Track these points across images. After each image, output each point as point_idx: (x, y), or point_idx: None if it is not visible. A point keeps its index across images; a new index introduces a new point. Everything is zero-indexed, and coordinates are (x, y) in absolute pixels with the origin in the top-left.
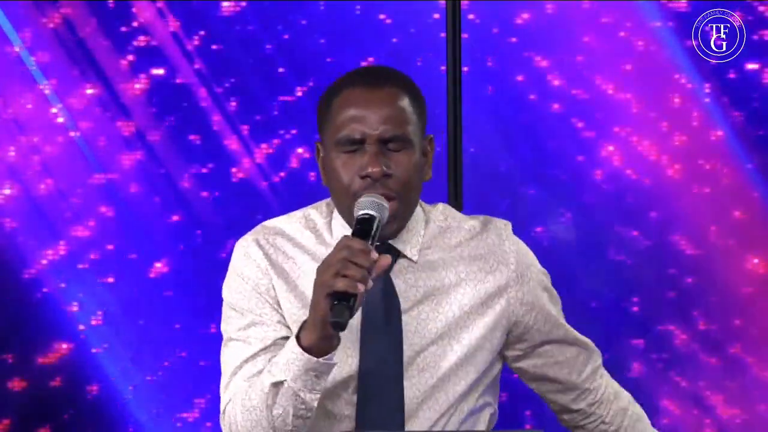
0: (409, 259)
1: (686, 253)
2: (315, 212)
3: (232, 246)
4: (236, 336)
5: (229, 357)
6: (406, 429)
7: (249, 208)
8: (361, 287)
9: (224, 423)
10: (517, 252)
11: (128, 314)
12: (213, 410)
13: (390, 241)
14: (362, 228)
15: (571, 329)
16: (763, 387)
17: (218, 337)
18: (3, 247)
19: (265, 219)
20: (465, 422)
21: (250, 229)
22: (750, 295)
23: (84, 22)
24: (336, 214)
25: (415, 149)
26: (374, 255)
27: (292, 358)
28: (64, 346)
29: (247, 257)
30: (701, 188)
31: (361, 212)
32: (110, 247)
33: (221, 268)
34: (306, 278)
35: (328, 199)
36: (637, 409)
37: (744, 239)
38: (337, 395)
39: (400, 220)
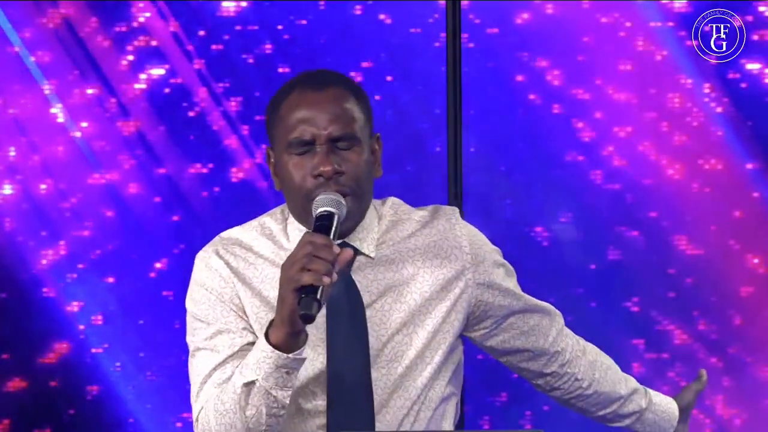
0: (367, 256)
1: (686, 253)
2: (270, 219)
3: None
4: (203, 345)
5: (197, 367)
6: (379, 420)
7: (249, 208)
8: (326, 280)
9: (198, 431)
10: (469, 235)
11: (128, 314)
12: None
13: (346, 240)
14: (322, 224)
15: (530, 297)
16: (763, 387)
17: None
18: (3, 247)
19: None
20: (437, 410)
21: None
22: (750, 295)
23: (84, 22)
24: (291, 219)
25: (364, 147)
26: (336, 249)
27: (262, 356)
28: (64, 346)
29: (208, 268)
30: (701, 188)
31: (321, 209)
32: (110, 247)
33: None
34: (268, 283)
35: (283, 206)
36: (605, 359)
37: (744, 239)
38: (308, 392)
39: (355, 216)
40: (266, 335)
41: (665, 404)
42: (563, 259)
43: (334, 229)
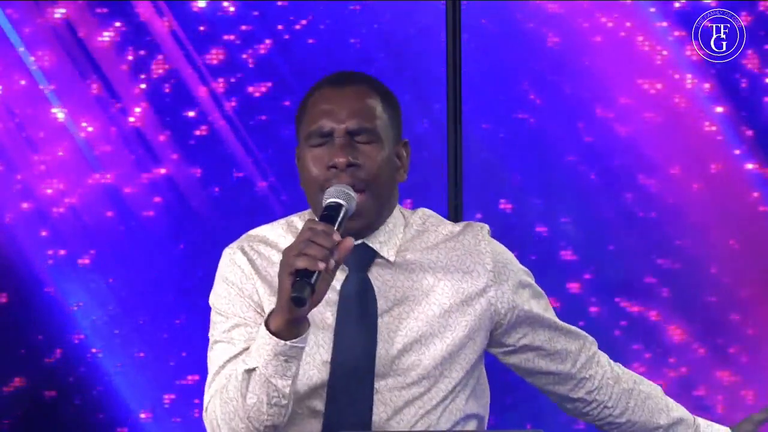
0: (386, 260)
1: (686, 252)
2: (297, 218)
3: None
4: (221, 338)
5: (214, 358)
6: (392, 427)
7: (249, 208)
8: (321, 265)
9: (207, 420)
10: (493, 252)
11: (128, 314)
12: None
13: (366, 240)
14: (328, 214)
15: (560, 321)
16: (763, 387)
17: None
18: (4, 246)
19: (264, 219)
20: (456, 426)
21: (250, 229)
22: (750, 295)
23: (84, 22)
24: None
25: (385, 146)
26: (337, 237)
27: (261, 343)
28: (64, 346)
29: (232, 263)
30: (701, 188)
31: (329, 200)
32: (110, 247)
33: None
34: None
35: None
36: (645, 387)
37: (744, 239)
38: (316, 392)
39: (368, 213)
40: (266, 322)
41: None
42: (563, 258)
43: (340, 219)
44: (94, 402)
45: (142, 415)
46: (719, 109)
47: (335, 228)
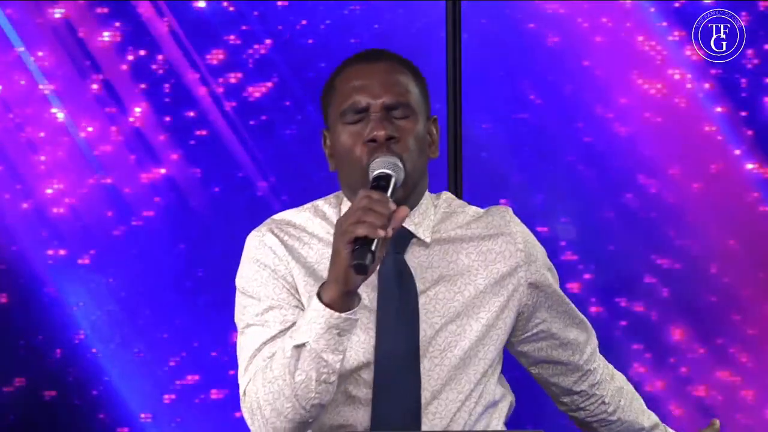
0: (422, 241)
1: (686, 252)
2: (323, 202)
3: (232, 245)
4: (254, 321)
5: (247, 342)
6: (431, 412)
7: (249, 208)
8: (381, 233)
9: (245, 405)
10: (522, 233)
11: (128, 314)
12: (215, 408)
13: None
14: (379, 184)
15: (574, 307)
16: (763, 387)
17: (218, 335)
18: (4, 246)
19: (263, 219)
20: (489, 408)
21: (249, 229)
22: (750, 295)
23: (84, 22)
24: (345, 202)
25: (419, 119)
26: (392, 205)
27: (314, 316)
28: (64, 346)
29: (262, 245)
30: (701, 188)
31: (378, 171)
32: (110, 247)
33: (221, 267)
34: (322, 263)
35: (338, 192)
36: (630, 388)
37: (744, 239)
38: (359, 378)
39: (408, 185)
40: (318, 295)
41: None
42: (563, 258)
43: (391, 189)
44: (94, 402)
45: (142, 415)
46: (719, 109)
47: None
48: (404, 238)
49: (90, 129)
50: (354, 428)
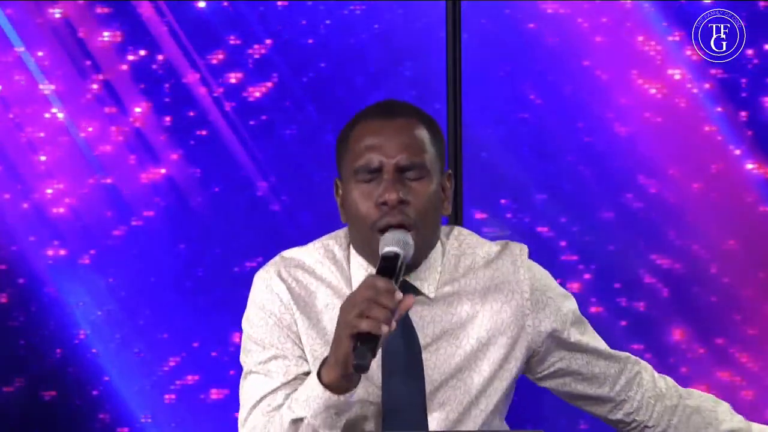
0: (426, 296)
1: (686, 252)
2: (334, 243)
3: (232, 245)
4: (257, 369)
5: (249, 390)
6: None
7: (249, 208)
8: (384, 329)
9: None
10: (531, 279)
11: (128, 314)
12: (215, 408)
13: (407, 278)
14: (386, 266)
15: (601, 345)
16: (763, 387)
17: (218, 335)
18: (3, 246)
19: (264, 218)
20: None
21: (248, 229)
22: (750, 295)
23: (84, 22)
24: (354, 255)
25: (433, 179)
26: (399, 295)
27: (312, 395)
28: (64, 346)
29: (269, 290)
30: (701, 188)
31: (387, 249)
32: (110, 247)
33: (221, 267)
34: (327, 313)
35: (345, 229)
36: (693, 401)
37: (744, 239)
38: (364, 424)
39: (417, 252)
40: (318, 374)
41: None
42: (563, 258)
43: (398, 271)
44: (94, 402)
45: (142, 416)
46: (719, 109)
47: (394, 280)
48: (408, 292)
49: (90, 129)
50: None
